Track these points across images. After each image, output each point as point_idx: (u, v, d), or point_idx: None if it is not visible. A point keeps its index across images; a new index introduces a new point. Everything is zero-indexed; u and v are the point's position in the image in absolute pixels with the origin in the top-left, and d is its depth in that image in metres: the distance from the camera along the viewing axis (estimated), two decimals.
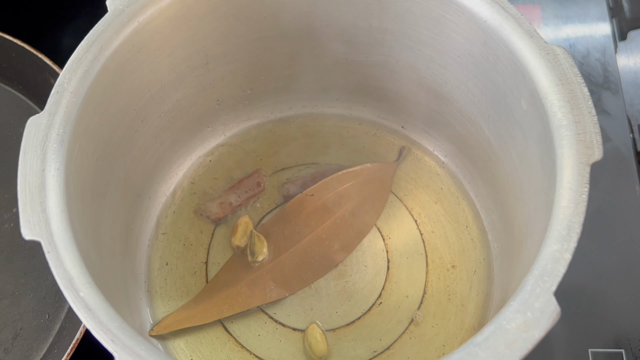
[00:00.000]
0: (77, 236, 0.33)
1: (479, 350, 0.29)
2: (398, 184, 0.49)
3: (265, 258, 0.45)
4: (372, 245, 0.47)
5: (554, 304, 0.29)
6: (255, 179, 0.48)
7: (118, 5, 0.38)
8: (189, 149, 0.50)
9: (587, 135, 0.33)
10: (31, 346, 0.46)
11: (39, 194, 0.33)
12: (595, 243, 0.49)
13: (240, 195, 0.47)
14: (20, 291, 0.47)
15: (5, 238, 0.49)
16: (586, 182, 0.32)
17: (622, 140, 0.52)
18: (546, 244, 0.31)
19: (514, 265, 0.41)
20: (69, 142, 0.35)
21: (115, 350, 0.30)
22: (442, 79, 0.44)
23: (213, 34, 0.43)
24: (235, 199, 0.47)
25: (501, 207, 0.45)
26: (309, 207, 0.47)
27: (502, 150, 0.42)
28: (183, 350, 0.43)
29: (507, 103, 0.39)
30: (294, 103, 0.51)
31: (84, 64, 0.37)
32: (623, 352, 0.45)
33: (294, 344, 0.43)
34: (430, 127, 0.49)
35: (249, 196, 0.47)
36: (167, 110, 0.45)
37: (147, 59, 0.40)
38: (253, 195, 0.48)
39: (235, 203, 0.47)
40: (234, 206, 0.47)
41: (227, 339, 0.44)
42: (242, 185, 0.48)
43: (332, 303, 0.45)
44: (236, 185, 0.48)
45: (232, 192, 0.47)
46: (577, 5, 0.60)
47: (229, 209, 0.47)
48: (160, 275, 0.46)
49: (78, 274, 0.32)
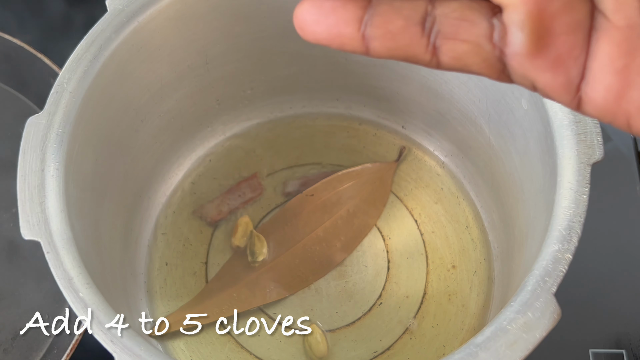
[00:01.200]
0: (76, 236, 0.33)
1: (479, 350, 0.29)
2: (398, 184, 0.49)
3: (265, 258, 0.45)
4: (372, 245, 0.47)
5: (555, 304, 0.29)
6: (253, 182, 0.48)
7: (117, 4, 0.38)
8: (189, 149, 0.50)
9: (588, 135, 0.33)
10: (31, 346, 0.46)
11: (38, 194, 0.33)
12: (596, 243, 0.48)
13: (238, 198, 0.47)
14: (20, 291, 0.47)
15: (5, 238, 0.49)
16: (587, 182, 0.32)
17: (623, 140, 0.52)
18: (547, 244, 0.31)
19: (515, 266, 0.41)
20: (68, 142, 0.35)
21: (115, 351, 0.30)
22: (442, 78, 0.44)
23: (213, 33, 0.43)
24: (232, 201, 0.47)
25: (502, 207, 0.45)
26: (309, 207, 0.47)
27: (502, 150, 0.42)
28: (183, 350, 0.43)
29: (507, 103, 0.39)
30: (294, 103, 0.51)
31: (83, 64, 0.37)
32: (624, 352, 0.45)
33: (294, 345, 0.43)
34: (430, 127, 0.49)
35: (247, 199, 0.47)
36: (167, 110, 0.45)
37: (147, 58, 0.40)
38: (251, 198, 0.48)
39: (233, 206, 0.47)
40: (231, 209, 0.47)
41: (227, 339, 0.44)
42: (240, 188, 0.48)
43: (333, 303, 0.45)
44: (234, 187, 0.48)
45: (229, 195, 0.47)
46: None
47: (226, 211, 0.47)
48: (160, 275, 0.46)
49: (77, 274, 0.32)
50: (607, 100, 0.17)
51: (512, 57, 0.18)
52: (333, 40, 0.18)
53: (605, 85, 0.17)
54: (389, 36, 0.18)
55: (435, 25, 0.18)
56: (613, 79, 0.17)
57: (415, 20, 0.18)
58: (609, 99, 0.17)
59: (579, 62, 0.17)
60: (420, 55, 0.18)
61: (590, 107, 0.18)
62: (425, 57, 0.18)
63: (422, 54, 0.18)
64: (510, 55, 0.18)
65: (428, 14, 0.18)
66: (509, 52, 0.18)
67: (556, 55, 0.17)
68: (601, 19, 0.17)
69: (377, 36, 0.18)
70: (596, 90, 0.17)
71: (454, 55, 0.18)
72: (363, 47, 0.18)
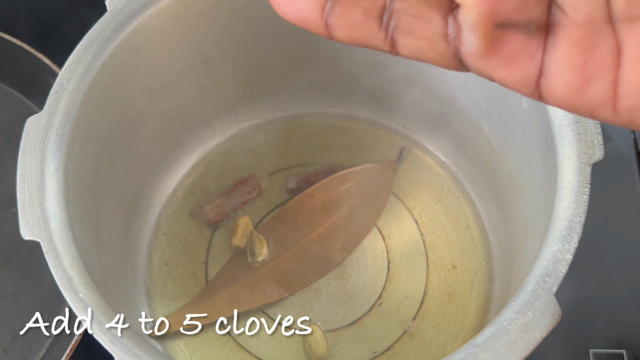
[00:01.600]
0: (76, 236, 0.33)
1: (479, 350, 0.29)
2: (398, 184, 0.49)
3: (265, 258, 0.45)
4: (372, 245, 0.46)
5: (555, 304, 0.29)
6: (251, 182, 0.48)
7: (117, 4, 0.38)
8: (189, 149, 0.50)
9: (588, 135, 0.33)
10: (31, 346, 0.46)
11: (38, 194, 0.33)
12: (596, 243, 0.48)
13: (237, 199, 0.47)
14: (20, 291, 0.47)
15: (5, 238, 0.49)
16: (587, 182, 0.32)
17: (623, 140, 0.52)
18: (547, 244, 0.31)
19: (515, 266, 0.41)
20: (68, 142, 0.35)
21: (114, 351, 0.30)
22: (442, 78, 0.44)
23: (213, 33, 0.43)
24: (231, 202, 0.47)
25: (502, 207, 0.45)
26: (309, 207, 0.47)
27: (502, 150, 0.42)
28: (183, 350, 0.43)
29: (507, 103, 0.39)
30: (294, 103, 0.51)
31: (83, 64, 0.37)
32: (624, 352, 0.45)
33: (294, 345, 0.43)
34: (430, 127, 0.49)
35: (245, 200, 0.47)
36: (167, 110, 0.45)
37: (147, 58, 0.40)
38: (249, 199, 0.48)
39: (231, 207, 0.47)
40: (229, 210, 0.47)
41: (227, 339, 0.44)
42: (238, 189, 0.48)
43: (333, 303, 0.45)
44: (232, 189, 0.48)
45: (227, 196, 0.47)
46: None
47: (224, 212, 0.47)
48: (160, 275, 0.46)
49: (77, 274, 0.32)
50: (567, 96, 0.17)
51: (466, 55, 0.18)
52: (301, 23, 0.19)
53: (564, 82, 0.17)
54: (349, 27, 0.18)
55: (393, 20, 0.18)
56: (572, 76, 0.17)
57: (373, 13, 0.18)
58: (568, 94, 0.17)
59: (536, 59, 0.17)
60: (379, 46, 0.19)
61: (551, 101, 0.18)
62: (385, 48, 0.19)
63: (381, 45, 0.19)
64: (464, 54, 0.18)
65: (386, 7, 0.18)
66: (463, 51, 0.18)
67: (510, 54, 0.17)
68: (559, 15, 0.17)
69: (338, 26, 0.18)
70: (555, 87, 0.17)
71: (411, 49, 0.18)
72: (327, 33, 0.19)
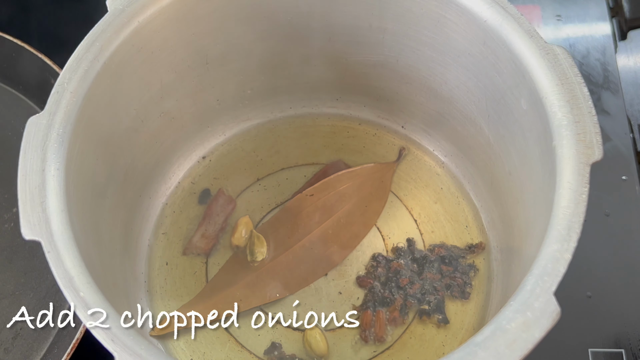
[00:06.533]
0: (77, 236, 0.33)
1: (479, 350, 0.29)
2: (398, 184, 0.49)
3: (265, 258, 0.45)
4: (372, 245, 0.47)
5: (554, 303, 0.29)
6: (222, 198, 0.48)
7: (118, 5, 0.38)
8: (189, 149, 0.50)
9: (587, 135, 0.33)
10: (31, 346, 0.46)
11: (39, 193, 0.33)
12: (595, 243, 0.49)
13: (217, 218, 0.47)
14: (20, 291, 0.47)
15: (5, 238, 0.49)
16: (586, 182, 0.32)
17: (622, 140, 0.52)
18: (546, 244, 0.31)
19: (514, 265, 0.41)
20: (69, 142, 0.35)
21: (115, 350, 0.30)
22: (442, 78, 0.44)
23: (213, 33, 0.43)
24: (212, 225, 0.47)
25: (501, 207, 0.45)
26: (309, 207, 0.47)
27: (502, 150, 0.42)
28: (183, 350, 0.43)
29: (507, 103, 0.39)
30: (294, 103, 0.51)
31: (84, 64, 0.37)
32: (623, 351, 0.45)
33: (294, 344, 0.43)
34: (430, 127, 0.49)
35: (225, 216, 0.47)
36: (167, 110, 0.45)
37: (147, 58, 0.40)
38: (229, 213, 0.47)
39: (216, 229, 0.47)
40: (216, 231, 0.47)
41: (227, 339, 0.44)
42: (213, 210, 0.47)
43: (332, 303, 0.45)
44: (207, 212, 0.48)
45: (207, 220, 0.47)
46: (577, 5, 0.60)
47: (212, 236, 0.47)
48: (160, 275, 0.46)
49: (78, 274, 0.32)
50: None
51: None
52: None
53: None
54: None
55: None
56: None
57: None
58: None
59: None
60: None
61: None
62: None
63: None
64: None
65: None
66: None
67: None
68: None
69: None
70: None
71: None
72: None
